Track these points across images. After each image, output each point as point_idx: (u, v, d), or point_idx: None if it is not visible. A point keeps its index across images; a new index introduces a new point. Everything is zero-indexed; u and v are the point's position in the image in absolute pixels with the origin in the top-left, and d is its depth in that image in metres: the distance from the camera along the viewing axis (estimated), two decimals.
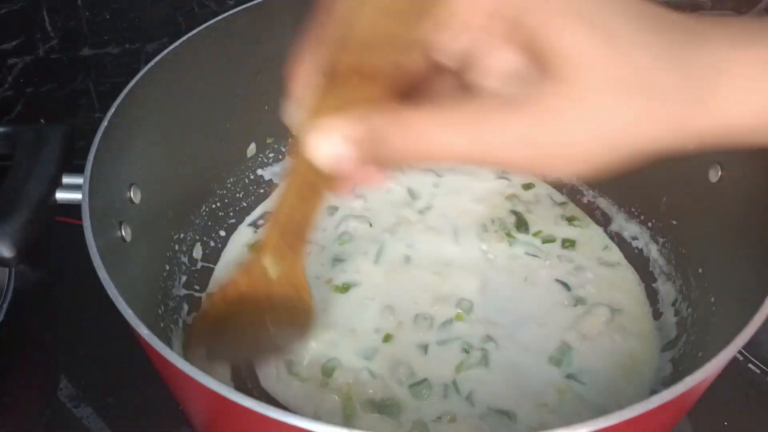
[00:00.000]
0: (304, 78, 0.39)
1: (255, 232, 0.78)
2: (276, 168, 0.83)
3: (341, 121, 0.37)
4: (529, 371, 0.64)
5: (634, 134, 0.34)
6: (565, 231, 0.77)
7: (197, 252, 0.74)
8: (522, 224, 0.77)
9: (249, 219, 0.79)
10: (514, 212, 0.78)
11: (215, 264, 0.75)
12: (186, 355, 0.61)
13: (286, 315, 0.55)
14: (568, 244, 0.75)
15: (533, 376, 0.64)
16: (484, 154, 0.35)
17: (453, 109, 0.36)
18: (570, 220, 0.78)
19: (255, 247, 0.52)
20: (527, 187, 0.81)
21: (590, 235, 0.77)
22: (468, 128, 0.35)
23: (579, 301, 0.70)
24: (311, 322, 0.58)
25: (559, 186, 0.82)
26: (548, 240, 0.75)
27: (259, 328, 0.56)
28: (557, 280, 0.71)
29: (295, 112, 0.40)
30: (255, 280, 0.53)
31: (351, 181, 0.41)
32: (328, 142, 0.37)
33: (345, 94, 0.37)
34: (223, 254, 0.76)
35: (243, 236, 0.78)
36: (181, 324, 0.68)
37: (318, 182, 0.43)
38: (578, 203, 0.81)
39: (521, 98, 0.34)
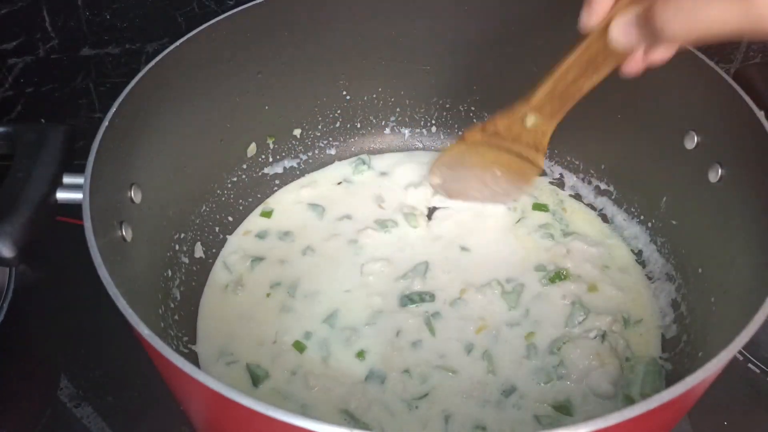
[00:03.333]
0: None
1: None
2: (276, 168, 0.83)
3: (631, 6, 0.48)
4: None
5: None
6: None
7: (197, 252, 0.74)
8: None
9: (249, 219, 0.80)
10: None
11: (215, 264, 0.75)
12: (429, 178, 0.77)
13: (517, 165, 0.68)
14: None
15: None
16: (753, 23, 0.38)
17: None
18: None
19: (525, 100, 0.62)
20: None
21: None
22: (741, 3, 0.38)
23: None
24: (532, 179, 0.71)
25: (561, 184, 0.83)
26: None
27: (490, 169, 0.70)
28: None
29: (589, 15, 0.51)
30: (511, 124, 0.64)
31: (638, 59, 0.53)
32: (622, 25, 0.48)
33: None
34: (222, 254, 0.76)
35: (242, 236, 0.78)
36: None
37: (605, 61, 0.54)
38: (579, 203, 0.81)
39: None
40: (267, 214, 0.80)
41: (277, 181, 0.83)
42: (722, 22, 0.39)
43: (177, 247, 0.71)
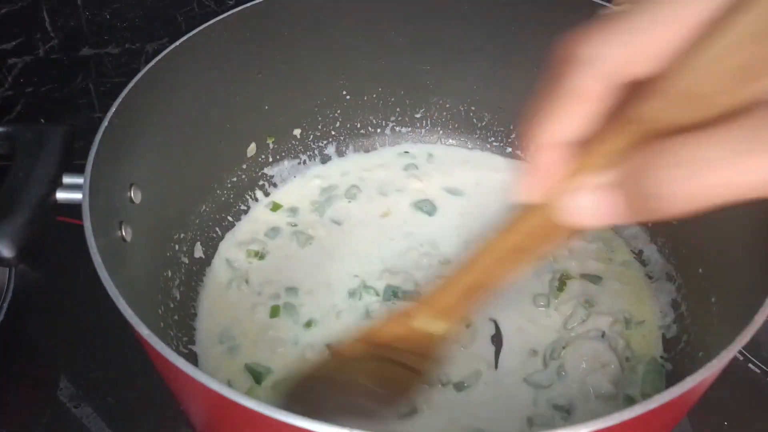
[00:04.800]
0: (550, 154, 0.36)
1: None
2: (277, 168, 0.83)
3: (599, 172, 0.34)
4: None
5: None
6: None
7: (197, 252, 0.74)
8: None
9: (247, 219, 0.80)
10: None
11: (215, 263, 0.75)
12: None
13: (397, 375, 0.50)
14: None
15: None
16: None
17: (736, 127, 0.28)
18: None
19: (416, 303, 0.47)
20: None
21: None
22: (757, 146, 0.27)
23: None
24: (414, 391, 0.52)
25: None
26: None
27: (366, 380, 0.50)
28: None
29: (533, 184, 0.37)
30: (406, 335, 0.47)
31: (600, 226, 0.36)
32: (592, 198, 0.34)
33: (607, 148, 0.34)
34: (220, 253, 0.76)
35: (241, 236, 0.78)
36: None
37: (531, 247, 0.40)
38: None
39: None
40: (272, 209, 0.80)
41: (277, 181, 0.83)
42: (743, 186, 0.28)
43: (177, 247, 0.71)
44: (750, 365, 0.70)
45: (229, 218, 0.79)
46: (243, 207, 0.80)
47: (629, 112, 0.33)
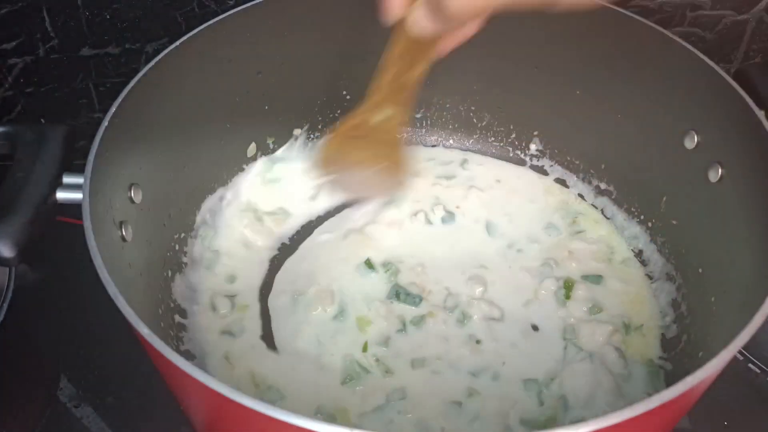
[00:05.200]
0: None
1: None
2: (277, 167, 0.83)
3: None
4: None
5: None
6: None
7: (197, 252, 0.74)
8: None
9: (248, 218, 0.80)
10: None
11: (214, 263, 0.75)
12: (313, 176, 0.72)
13: (386, 162, 0.67)
14: None
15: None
16: None
17: None
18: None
19: (361, 101, 0.62)
20: None
21: None
22: None
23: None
24: (402, 175, 0.69)
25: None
26: None
27: (365, 167, 0.67)
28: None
29: (387, 12, 0.54)
30: (358, 127, 0.64)
31: (447, 41, 0.57)
32: (414, 15, 0.52)
33: None
34: (220, 253, 0.76)
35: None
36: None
37: (418, 51, 0.58)
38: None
39: None
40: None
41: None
42: None
43: (177, 247, 0.71)
44: (750, 365, 0.70)
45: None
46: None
47: None
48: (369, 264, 0.73)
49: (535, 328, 0.68)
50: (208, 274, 0.73)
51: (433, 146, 0.88)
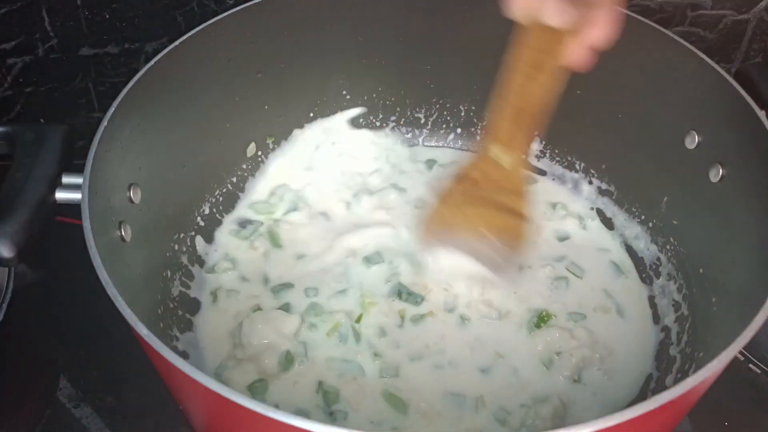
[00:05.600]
0: None
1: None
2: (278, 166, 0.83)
3: None
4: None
5: None
6: None
7: (197, 252, 0.74)
8: None
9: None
10: None
11: (214, 263, 0.75)
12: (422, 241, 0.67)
13: (503, 220, 0.58)
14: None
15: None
16: None
17: None
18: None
19: (485, 139, 0.54)
20: None
21: None
22: None
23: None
24: (524, 236, 0.60)
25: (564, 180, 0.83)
26: None
27: (481, 231, 0.59)
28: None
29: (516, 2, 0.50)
30: (487, 168, 0.55)
31: (580, 46, 0.49)
32: (550, 3, 0.48)
33: None
34: (220, 253, 0.76)
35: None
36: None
37: (547, 54, 0.49)
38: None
39: None
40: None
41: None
42: None
43: (176, 247, 0.71)
44: (750, 365, 0.70)
45: (229, 218, 0.78)
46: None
47: None
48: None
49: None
50: None
51: (434, 146, 0.88)
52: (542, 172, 0.84)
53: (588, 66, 0.50)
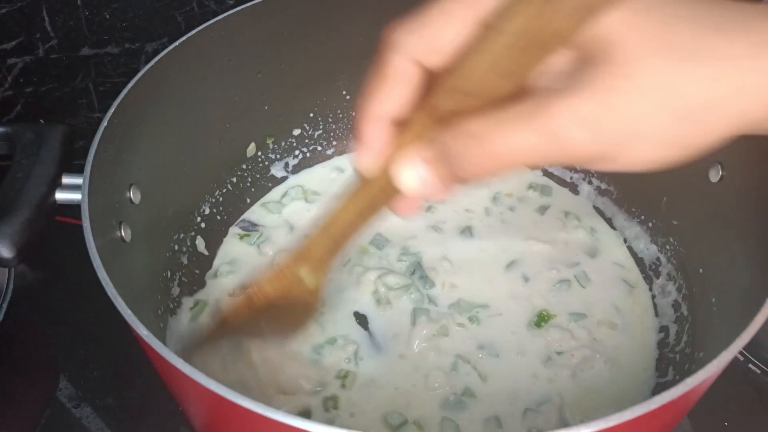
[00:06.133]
0: (375, 129, 0.42)
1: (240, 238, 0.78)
2: (277, 168, 0.83)
3: (417, 147, 0.40)
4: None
5: (713, 107, 0.33)
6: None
7: (197, 252, 0.74)
8: None
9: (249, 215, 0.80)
10: None
11: (214, 263, 0.75)
12: (189, 355, 0.60)
13: (293, 317, 0.57)
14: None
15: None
16: (556, 147, 0.34)
17: (516, 108, 0.35)
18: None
19: (294, 255, 0.51)
20: None
21: None
22: (535, 121, 0.34)
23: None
24: (310, 320, 0.60)
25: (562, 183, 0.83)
26: None
27: (265, 323, 0.57)
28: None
29: (365, 157, 0.43)
30: (285, 287, 0.53)
31: (420, 199, 0.43)
32: (413, 169, 0.40)
33: (419, 128, 0.40)
34: (220, 253, 0.76)
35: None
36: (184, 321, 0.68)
37: (384, 201, 0.45)
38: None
39: (577, 84, 0.34)
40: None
41: (277, 181, 0.83)
42: (525, 150, 0.34)
43: (176, 247, 0.71)
44: (750, 365, 0.70)
45: (229, 218, 0.79)
46: (243, 207, 0.80)
47: (430, 98, 0.39)
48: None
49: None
50: None
51: None
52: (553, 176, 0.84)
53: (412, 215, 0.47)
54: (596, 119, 0.33)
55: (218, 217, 0.77)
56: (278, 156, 0.82)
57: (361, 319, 0.69)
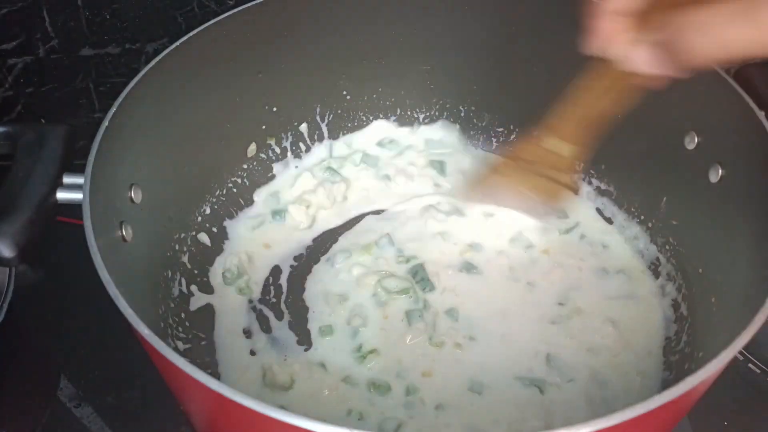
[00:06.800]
0: (611, 17, 0.48)
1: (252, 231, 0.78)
2: (277, 168, 0.83)
3: (648, 31, 0.45)
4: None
5: None
6: None
7: (197, 251, 0.74)
8: None
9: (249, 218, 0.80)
10: None
11: (215, 263, 0.75)
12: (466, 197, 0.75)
13: (545, 185, 0.66)
14: None
15: None
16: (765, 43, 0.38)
17: (734, 4, 0.39)
18: None
19: (546, 128, 0.60)
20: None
21: None
22: (750, 16, 0.38)
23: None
24: (563, 198, 0.69)
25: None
26: None
27: (526, 188, 0.67)
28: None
29: (597, 41, 0.49)
30: (532, 149, 0.62)
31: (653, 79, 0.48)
32: (642, 51, 0.46)
33: (645, 17, 0.46)
34: (221, 253, 0.76)
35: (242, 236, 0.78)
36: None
37: (620, 83, 0.51)
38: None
39: None
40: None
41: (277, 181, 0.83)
42: (743, 41, 0.39)
43: (177, 247, 0.71)
44: (750, 365, 0.70)
45: (230, 218, 0.79)
46: (243, 207, 0.80)
47: None
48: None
49: None
50: None
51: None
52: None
53: (663, 86, 0.51)
54: None
55: (218, 217, 0.77)
56: (279, 156, 0.83)
57: None
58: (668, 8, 0.44)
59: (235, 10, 0.69)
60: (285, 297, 0.73)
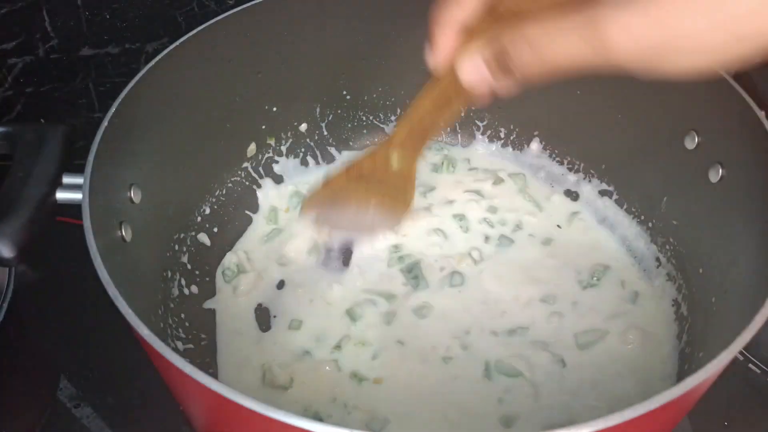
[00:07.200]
0: (445, 33, 0.49)
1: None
2: (277, 168, 0.83)
3: (479, 46, 0.45)
4: None
5: (759, 22, 0.34)
6: None
7: (197, 251, 0.74)
8: None
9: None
10: None
11: (215, 263, 0.75)
12: (301, 214, 0.69)
13: (389, 202, 0.63)
14: None
15: None
16: (603, 56, 0.37)
17: (570, 18, 0.39)
18: None
19: (383, 140, 0.59)
20: None
21: None
22: (585, 31, 0.37)
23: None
24: (405, 214, 0.65)
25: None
26: None
27: (363, 206, 0.64)
28: None
29: (435, 54, 0.51)
30: (377, 166, 0.60)
31: (485, 94, 0.48)
32: (471, 64, 0.45)
33: (482, 30, 0.47)
34: (221, 253, 0.76)
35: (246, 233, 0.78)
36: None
37: (455, 96, 0.51)
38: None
39: None
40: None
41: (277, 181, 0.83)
42: (573, 56, 0.39)
43: (177, 247, 0.71)
44: (750, 365, 0.70)
45: (230, 218, 0.79)
46: (243, 207, 0.80)
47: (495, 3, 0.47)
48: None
49: None
50: None
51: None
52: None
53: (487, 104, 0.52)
54: (642, 33, 0.36)
55: (218, 216, 0.77)
56: (279, 156, 0.82)
57: None
58: (503, 22, 0.44)
59: (235, 10, 0.69)
60: (285, 297, 0.73)
